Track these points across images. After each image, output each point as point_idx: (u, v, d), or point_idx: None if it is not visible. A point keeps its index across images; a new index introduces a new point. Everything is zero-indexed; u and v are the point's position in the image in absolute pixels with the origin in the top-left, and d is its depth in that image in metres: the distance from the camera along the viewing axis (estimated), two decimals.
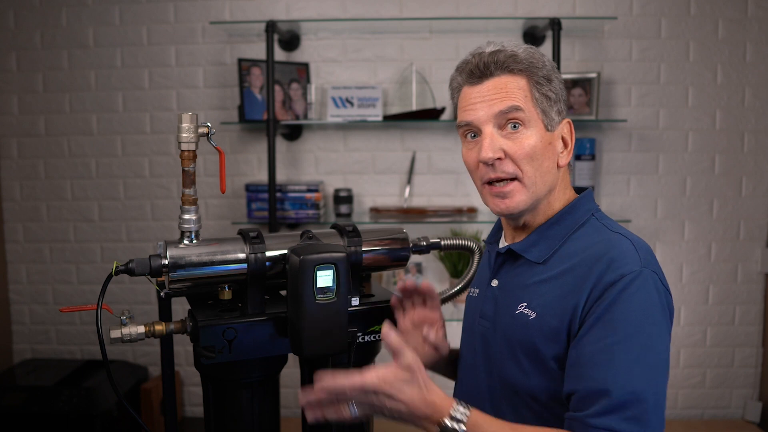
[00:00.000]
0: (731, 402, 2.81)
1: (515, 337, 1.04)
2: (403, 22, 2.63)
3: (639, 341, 0.92)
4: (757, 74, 2.66)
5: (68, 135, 2.79)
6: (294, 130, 2.74)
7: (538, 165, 1.03)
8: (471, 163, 1.08)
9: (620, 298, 0.93)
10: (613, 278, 0.95)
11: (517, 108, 1.02)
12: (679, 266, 2.75)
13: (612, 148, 2.72)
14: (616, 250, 0.98)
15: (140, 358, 2.88)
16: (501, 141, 1.03)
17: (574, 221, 1.07)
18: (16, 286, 2.87)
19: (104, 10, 2.72)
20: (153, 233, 2.81)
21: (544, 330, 1.00)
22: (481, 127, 1.04)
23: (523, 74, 1.04)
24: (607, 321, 0.93)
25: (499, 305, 1.10)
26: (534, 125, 1.04)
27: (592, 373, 0.92)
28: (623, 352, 0.91)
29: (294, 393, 2.63)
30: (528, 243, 1.08)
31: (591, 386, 0.91)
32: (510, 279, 1.10)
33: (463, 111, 1.07)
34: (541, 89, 1.04)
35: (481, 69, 1.04)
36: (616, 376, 0.90)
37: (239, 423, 1.17)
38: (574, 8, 2.66)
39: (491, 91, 1.03)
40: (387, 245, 1.25)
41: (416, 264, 2.71)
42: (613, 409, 0.89)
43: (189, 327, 1.13)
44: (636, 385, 0.90)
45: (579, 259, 1.01)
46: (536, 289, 1.04)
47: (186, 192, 1.11)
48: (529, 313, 1.02)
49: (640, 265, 0.96)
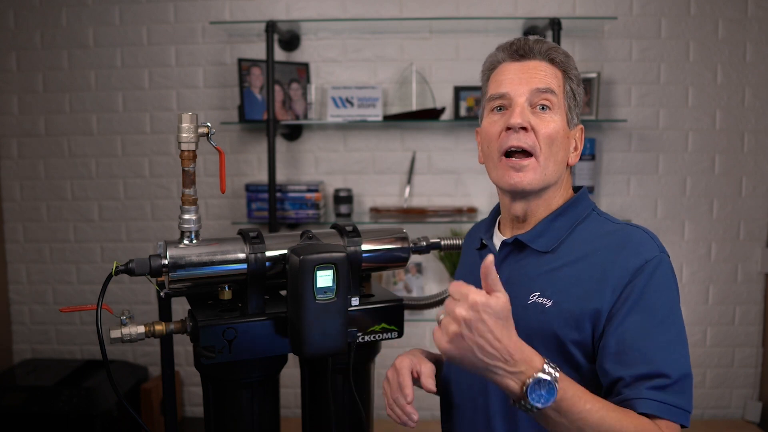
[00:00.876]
0: (731, 402, 2.81)
1: (531, 327, 1.03)
2: (403, 22, 2.63)
3: (673, 322, 0.97)
4: (757, 74, 2.66)
5: (68, 135, 2.79)
6: (294, 130, 2.74)
7: (555, 151, 1.07)
8: (493, 132, 1.09)
9: (650, 284, 0.97)
10: (639, 263, 0.98)
11: (552, 91, 1.08)
12: (679, 266, 2.75)
13: (612, 148, 2.72)
14: (635, 238, 1.02)
15: (140, 358, 2.88)
16: (530, 115, 1.07)
17: (578, 214, 1.10)
18: (16, 286, 2.87)
19: (104, 10, 2.72)
20: (153, 233, 2.81)
21: (564, 316, 1.00)
22: (515, 98, 1.07)
23: (561, 67, 1.11)
24: (642, 307, 0.96)
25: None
26: (559, 114, 1.09)
27: (639, 357, 0.94)
28: (662, 334, 0.96)
29: (294, 393, 2.63)
30: (535, 233, 1.09)
31: (640, 370, 0.94)
32: (515, 270, 1.10)
33: (499, 84, 1.10)
34: (572, 85, 1.11)
35: (526, 50, 1.10)
36: (661, 356, 0.94)
37: (239, 423, 1.17)
38: (574, 8, 2.66)
39: (532, 70, 1.09)
40: (387, 245, 1.25)
41: (416, 264, 2.71)
42: (665, 387, 0.93)
43: (189, 327, 1.13)
44: (678, 362, 0.95)
45: (596, 246, 1.03)
46: (548, 277, 1.05)
47: (186, 192, 1.11)
48: (544, 302, 1.03)
49: (658, 250, 1.00)
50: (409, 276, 2.70)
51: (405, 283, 2.70)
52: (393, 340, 1.26)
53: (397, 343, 2.41)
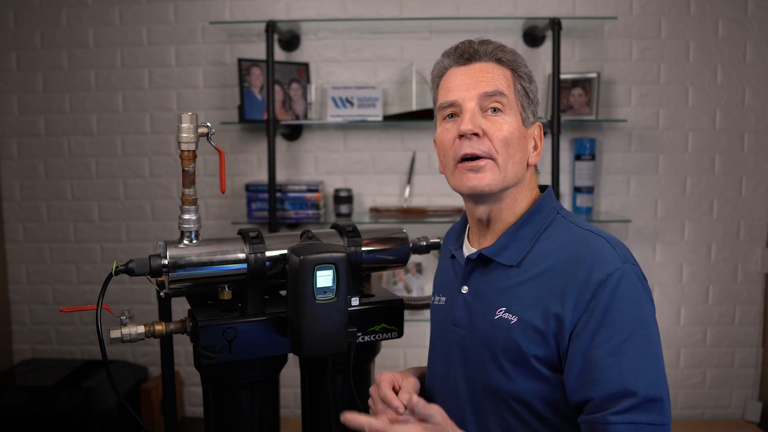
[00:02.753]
0: (731, 402, 2.80)
1: (497, 343, 1.03)
2: (403, 22, 2.63)
3: (642, 335, 0.95)
4: (757, 74, 2.66)
5: (68, 135, 2.79)
6: (294, 130, 2.74)
7: (512, 152, 1.05)
8: (447, 141, 1.08)
9: (614, 299, 0.95)
10: (600, 278, 0.96)
11: (502, 93, 1.05)
12: (679, 266, 2.75)
13: (612, 148, 2.72)
14: (594, 249, 1.00)
15: (140, 358, 2.88)
16: (481, 120, 1.04)
17: (541, 221, 1.08)
18: (16, 286, 2.87)
19: (104, 10, 2.72)
20: (153, 233, 2.81)
21: (528, 332, 1.00)
22: (463, 104, 1.06)
23: (509, 66, 1.08)
24: (608, 324, 0.94)
25: (473, 312, 1.09)
26: (513, 115, 1.06)
27: (607, 376, 0.93)
28: (631, 350, 0.94)
29: (294, 393, 2.63)
30: (499, 246, 1.08)
31: (608, 389, 0.93)
32: (482, 284, 1.09)
33: (448, 91, 1.08)
34: (523, 83, 1.08)
35: (471, 53, 1.07)
36: (630, 374, 0.93)
37: (239, 423, 1.17)
38: (574, 8, 2.66)
39: (479, 73, 1.06)
40: (387, 245, 1.25)
41: (416, 264, 2.71)
42: (634, 405, 0.91)
43: (189, 327, 1.13)
44: (649, 378, 0.93)
45: (556, 260, 1.02)
46: (513, 293, 1.04)
47: (186, 192, 1.11)
48: (509, 318, 1.02)
49: (620, 261, 0.98)
50: (409, 276, 2.70)
51: (405, 283, 2.70)
52: (393, 340, 1.26)
53: (397, 343, 2.41)
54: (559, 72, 2.39)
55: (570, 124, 2.64)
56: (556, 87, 2.38)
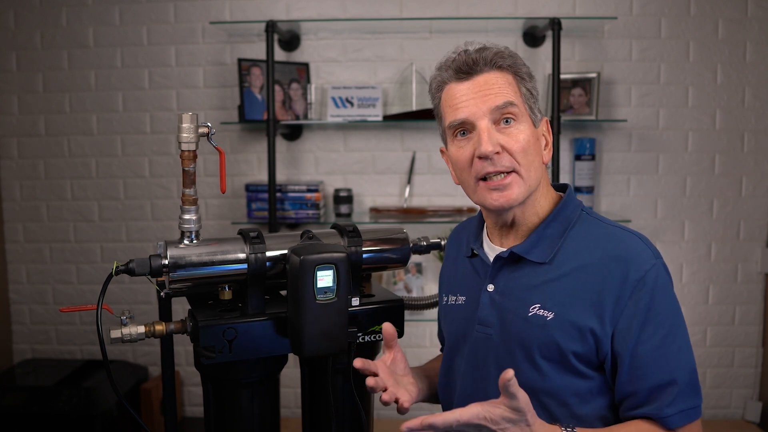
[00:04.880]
0: (731, 402, 2.80)
1: (533, 340, 1.03)
2: (403, 22, 2.63)
3: (678, 326, 1.02)
4: (757, 74, 2.66)
5: (68, 135, 2.79)
6: (294, 130, 2.74)
7: (531, 159, 1.05)
8: (464, 160, 1.06)
9: (654, 295, 0.99)
10: (639, 275, 0.99)
11: (512, 103, 1.04)
12: (679, 266, 2.75)
13: (612, 148, 2.72)
14: (629, 247, 1.03)
15: (140, 358, 2.88)
16: (497, 135, 1.03)
17: (567, 219, 1.09)
18: (16, 286, 2.87)
19: (104, 10, 2.72)
20: (153, 233, 2.81)
21: (566, 328, 1.01)
22: (476, 122, 1.04)
23: (510, 70, 1.06)
24: (651, 320, 0.99)
25: (503, 310, 1.08)
26: (524, 120, 1.05)
27: (653, 369, 0.98)
28: (672, 342, 1.00)
29: (294, 393, 2.63)
30: (529, 244, 1.08)
31: (654, 381, 0.98)
32: (510, 281, 1.09)
33: (454, 109, 1.06)
34: (526, 85, 1.07)
35: (470, 65, 1.05)
36: (673, 364, 0.99)
37: (239, 423, 1.17)
38: (574, 8, 2.66)
39: (484, 87, 1.04)
40: (387, 245, 1.25)
41: (416, 264, 2.71)
42: (680, 393, 0.98)
43: (189, 327, 1.13)
44: (687, 366, 1.00)
45: (590, 257, 1.03)
46: (546, 289, 1.04)
47: (186, 192, 1.11)
48: (545, 314, 1.02)
49: (654, 258, 1.02)
50: (409, 276, 2.70)
51: (405, 283, 2.70)
52: None
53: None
54: (559, 72, 2.39)
55: (570, 124, 2.64)
56: (556, 87, 2.38)
